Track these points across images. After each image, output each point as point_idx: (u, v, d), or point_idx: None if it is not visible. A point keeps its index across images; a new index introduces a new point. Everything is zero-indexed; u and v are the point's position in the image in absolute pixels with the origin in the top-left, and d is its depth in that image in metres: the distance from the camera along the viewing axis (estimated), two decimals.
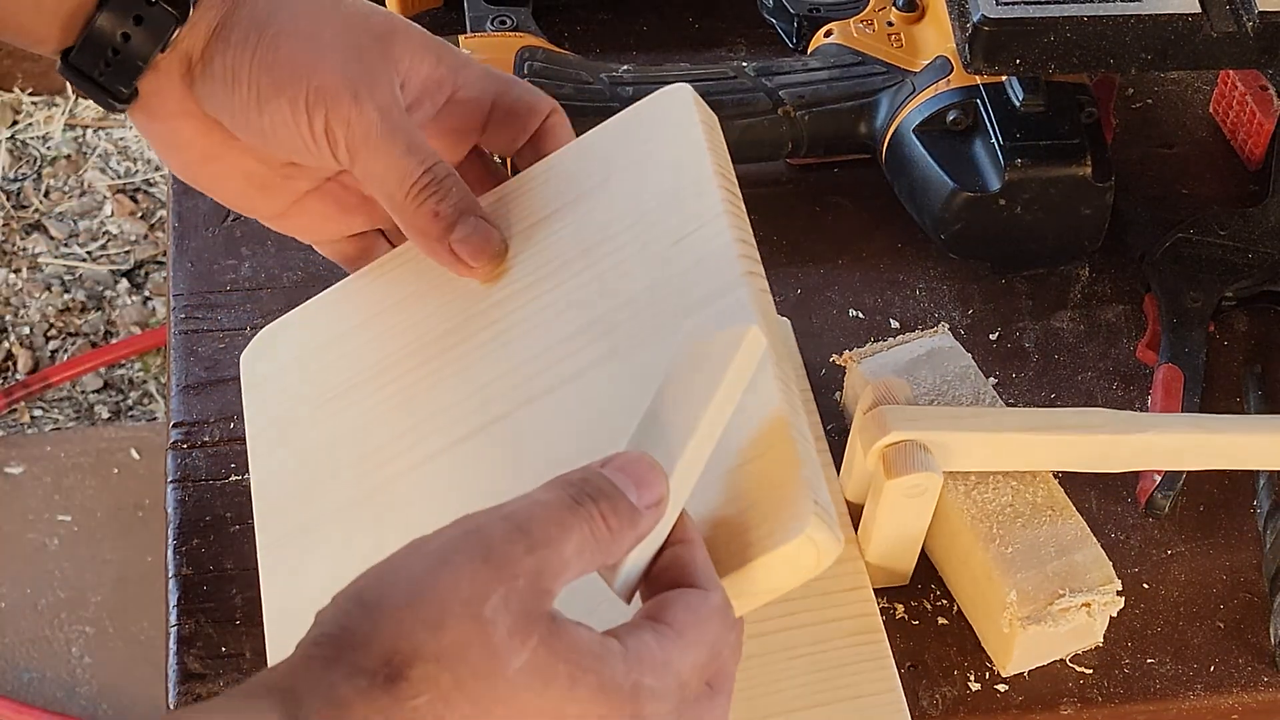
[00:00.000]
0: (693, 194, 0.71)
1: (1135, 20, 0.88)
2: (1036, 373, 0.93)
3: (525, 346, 0.73)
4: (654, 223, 0.72)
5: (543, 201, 0.76)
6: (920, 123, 0.93)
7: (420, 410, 0.74)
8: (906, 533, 0.81)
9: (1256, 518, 0.88)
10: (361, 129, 0.72)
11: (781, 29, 1.02)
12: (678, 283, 0.70)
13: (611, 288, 0.71)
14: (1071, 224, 0.93)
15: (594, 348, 0.71)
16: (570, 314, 0.72)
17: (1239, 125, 1.03)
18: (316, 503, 0.75)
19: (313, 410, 0.78)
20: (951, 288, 0.96)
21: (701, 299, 0.69)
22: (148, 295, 2.02)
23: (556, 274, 0.74)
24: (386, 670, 0.54)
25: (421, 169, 0.73)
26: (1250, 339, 0.95)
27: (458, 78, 0.77)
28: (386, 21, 0.76)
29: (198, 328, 0.93)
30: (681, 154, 0.73)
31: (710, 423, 0.62)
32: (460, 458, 0.72)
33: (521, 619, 0.55)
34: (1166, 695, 0.82)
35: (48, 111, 2.17)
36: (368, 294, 0.79)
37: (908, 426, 0.78)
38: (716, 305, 0.68)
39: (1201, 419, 0.84)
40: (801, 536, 0.62)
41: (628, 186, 0.74)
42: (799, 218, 0.99)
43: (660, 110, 0.75)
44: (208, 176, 0.78)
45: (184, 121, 0.76)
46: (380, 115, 0.72)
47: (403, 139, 0.73)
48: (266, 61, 0.73)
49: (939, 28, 0.96)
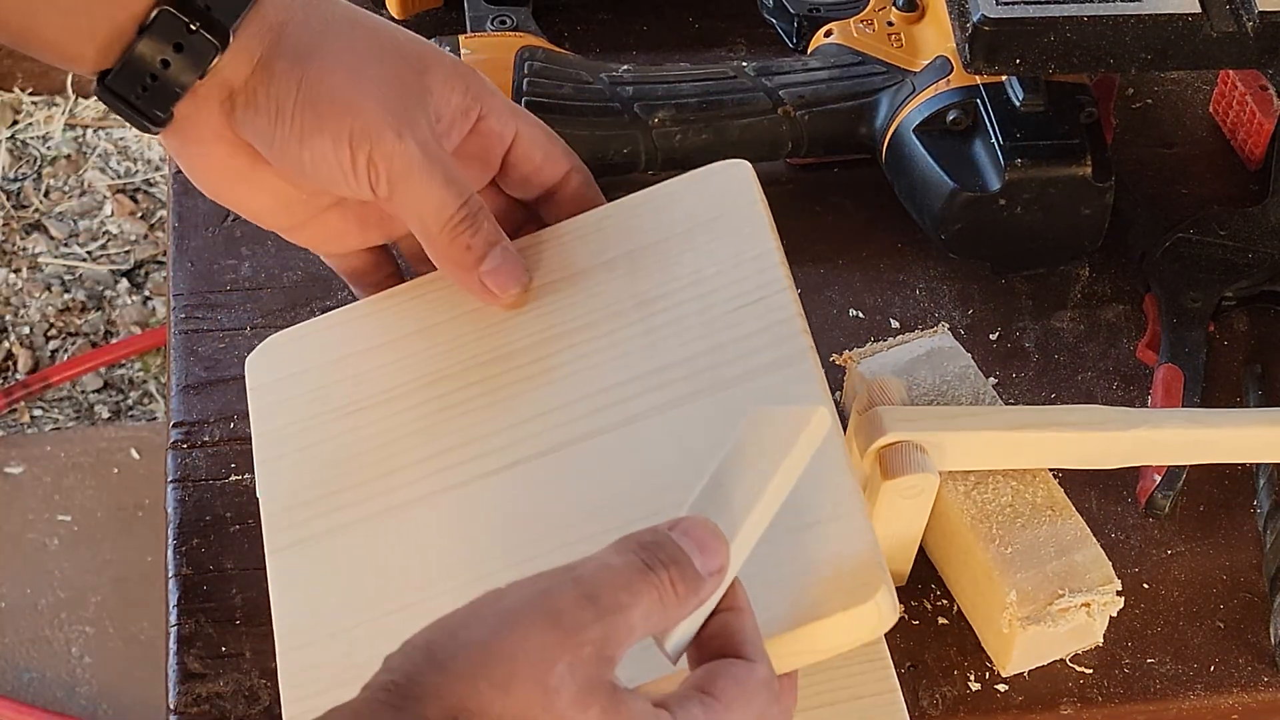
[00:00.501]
0: (755, 266, 0.75)
1: (1135, 20, 0.88)
2: (1037, 372, 0.93)
3: (571, 388, 0.74)
4: (714, 288, 0.75)
5: (596, 249, 0.78)
6: (920, 122, 0.93)
7: (449, 437, 0.75)
8: (904, 533, 0.81)
9: (1256, 518, 0.88)
10: (403, 164, 0.73)
11: (781, 29, 1.02)
12: (739, 348, 0.73)
13: (667, 343, 0.74)
14: (1071, 224, 0.93)
15: (645, 399, 0.73)
16: (621, 363, 0.74)
17: (1239, 125, 1.03)
18: (328, 515, 0.75)
19: (330, 421, 0.78)
20: (952, 288, 0.96)
21: (763, 367, 0.72)
22: (148, 295, 2.02)
23: (607, 321, 0.76)
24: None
25: (459, 203, 0.75)
26: (1250, 339, 0.95)
27: (482, 106, 0.78)
28: (420, 51, 0.77)
29: (198, 327, 0.93)
30: (742, 225, 0.76)
31: (771, 496, 0.63)
32: (490, 489, 0.73)
33: (584, 688, 0.57)
34: (1166, 695, 0.82)
35: (48, 111, 2.17)
36: (395, 315, 0.80)
37: (903, 427, 0.78)
38: (779, 374, 0.71)
39: (1198, 413, 0.84)
40: (870, 603, 0.64)
41: (686, 248, 0.76)
42: (799, 218, 0.99)
43: (720, 181, 0.78)
44: (234, 195, 0.78)
45: (217, 146, 0.76)
46: (421, 150, 0.74)
47: (441, 172, 0.74)
48: (311, 97, 0.73)
49: (939, 27, 0.96)
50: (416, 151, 0.74)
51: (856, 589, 0.65)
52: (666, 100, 0.94)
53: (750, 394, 0.71)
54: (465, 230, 0.75)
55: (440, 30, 1.00)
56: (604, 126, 0.93)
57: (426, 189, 0.74)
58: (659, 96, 0.94)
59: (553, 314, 0.77)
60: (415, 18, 1.04)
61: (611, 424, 0.73)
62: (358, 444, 0.77)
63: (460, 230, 0.75)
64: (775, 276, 0.74)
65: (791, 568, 0.66)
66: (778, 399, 0.71)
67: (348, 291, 0.94)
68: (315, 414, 0.78)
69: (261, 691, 0.80)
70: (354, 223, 0.80)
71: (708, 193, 0.78)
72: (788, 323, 0.73)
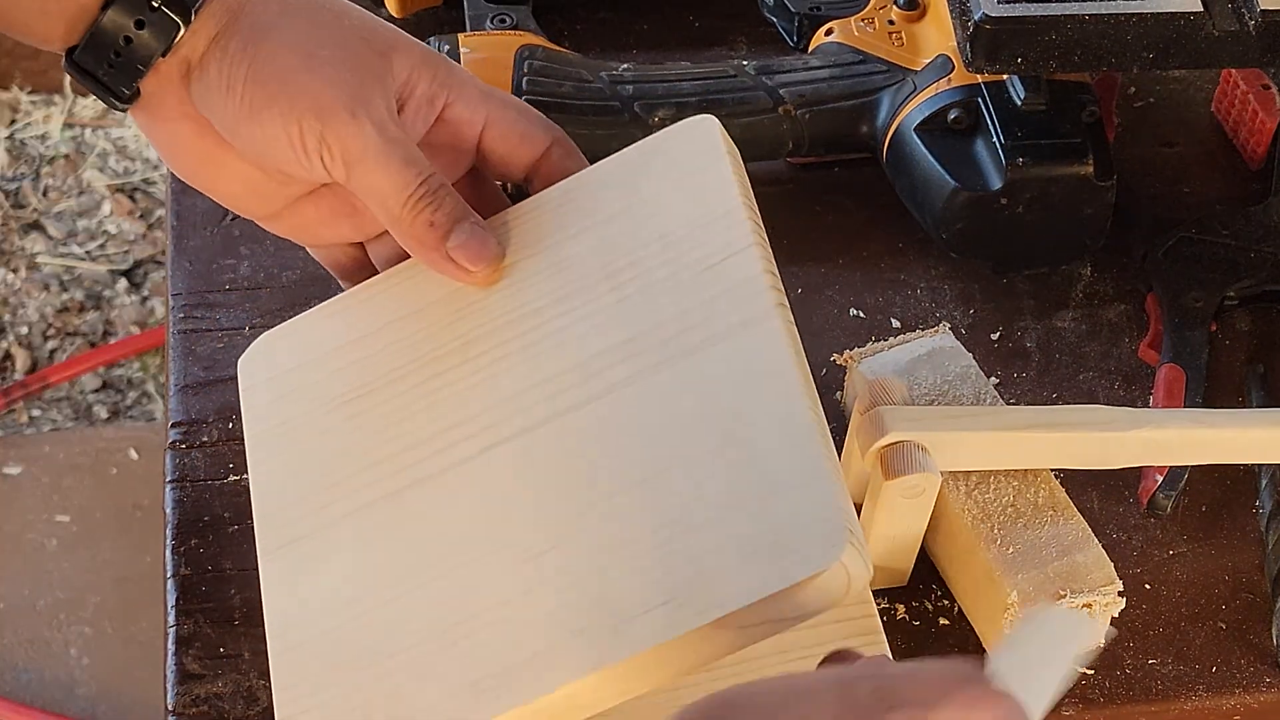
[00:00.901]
0: (722, 224, 0.73)
1: (1137, 19, 0.87)
2: (1038, 372, 0.93)
3: (549, 363, 0.73)
4: (682, 251, 0.73)
5: (564, 222, 0.77)
6: (921, 121, 0.93)
7: (436, 422, 0.75)
8: (905, 533, 0.81)
9: (1258, 518, 0.88)
10: (359, 145, 0.74)
11: (782, 27, 1.02)
12: (707, 310, 0.71)
13: (638, 311, 0.73)
14: (1073, 223, 0.93)
15: (625, 366, 0.72)
16: (597, 334, 0.73)
17: (1241, 124, 1.03)
18: (320, 510, 0.75)
19: (316, 417, 0.78)
20: (953, 287, 0.96)
21: (731, 327, 0.70)
22: (146, 295, 2.02)
23: (579, 294, 0.75)
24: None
25: (417, 181, 0.74)
26: (1253, 338, 0.95)
27: (449, 94, 0.78)
28: (387, 36, 0.77)
29: (196, 327, 0.93)
30: (708, 183, 0.74)
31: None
32: (482, 469, 0.72)
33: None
34: (1168, 696, 0.82)
35: (46, 110, 2.17)
36: (373, 305, 0.80)
37: (905, 427, 0.78)
38: (744, 337, 0.70)
39: (1202, 414, 0.84)
40: (837, 564, 0.63)
41: (652, 212, 0.75)
42: (799, 217, 0.99)
43: (686, 139, 0.76)
44: (205, 178, 0.79)
45: (183, 124, 0.77)
46: (377, 130, 0.74)
47: (398, 152, 0.74)
48: (261, 74, 0.74)
49: (940, 26, 0.96)
50: (372, 131, 0.74)
51: (822, 551, 0.63)
52: (667, 99, 0.94)
53: (715, 358, 0.70)
54: (426, 207, 0.75)
55: (440, 29, 1.00)
56: (604, 125, 0.93)
57: (383, 169, 0.74)
58: (659, 95, 0.94)
59: (528, 290, 0.76)
60: (415, 16, 1.04)
61: (595, 394, 0.71)
62: (343, 439, 0.77)
63: (421, 208, 0.75)
64: (742, 233, 0.72)
65: (757, 534, 0.65)
66: (743, 362, 0.69)
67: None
68: (302, 412, 0.78)
69: (260, 692, 0.80)
70: (328, 213, 0.80)
71: (674, 152, 0.76)
72: (753, 281, 0.71)
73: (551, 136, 0.79)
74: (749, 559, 0.65)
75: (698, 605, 0.64)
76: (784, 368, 0.69)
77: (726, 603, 0.64)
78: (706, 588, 0.65)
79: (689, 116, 0.93)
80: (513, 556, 0.69)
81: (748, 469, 0.67)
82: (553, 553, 0.69)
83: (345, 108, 0.73)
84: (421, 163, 0.75)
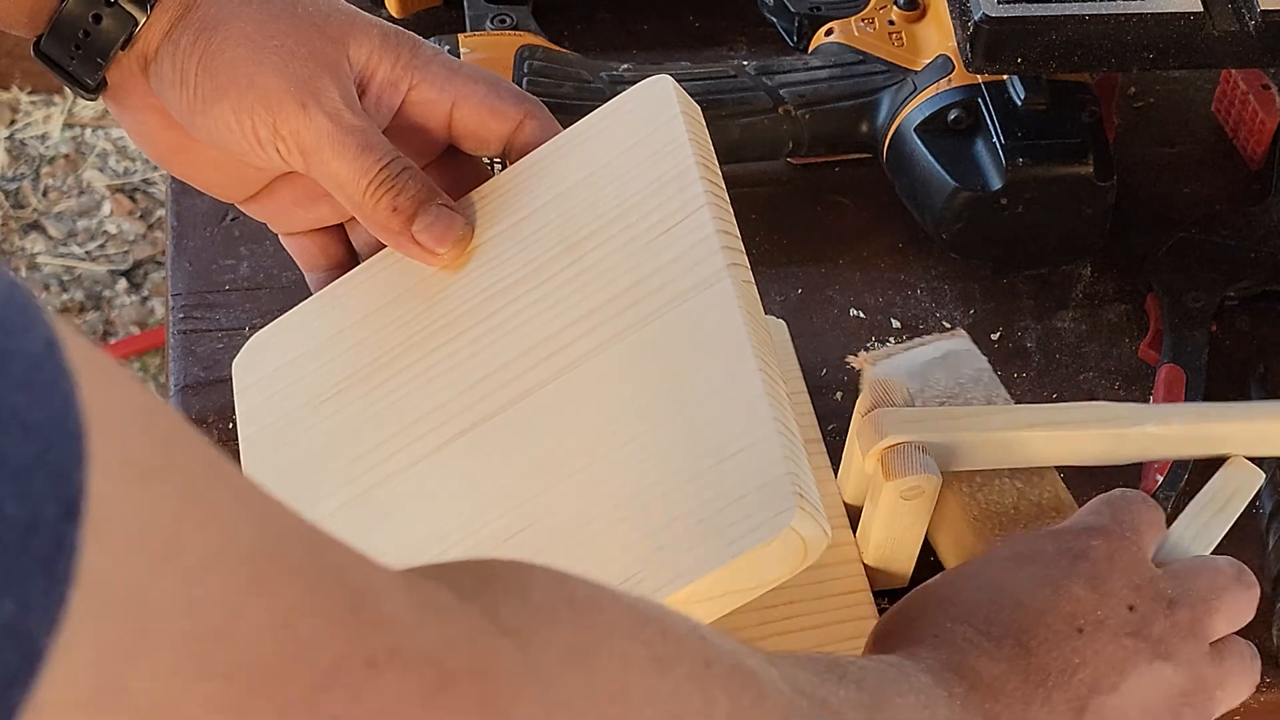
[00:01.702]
0: (675, 186, 0.71)
1: (1137, 19, 0.87)
2: (1038, 372, 0.93)
3: (516, 342, 0.73)
4: (638, 217, 0.72)
5: (526, 199, 0.76)
6: (921, 122, 0.93)
7: (412, 410, 0.74)
8: (905, 534, 0.81)
9: (1258, 519, 0.88)
10: (312, 135, 0.74)
11: (782, 28, 1.02)
12: (662, 276, 0.70)
13: (599, 282, 0.72)
14: (1073, 223, 0.93)
15: (585, 341, 0.71)
16: (559, 309, 0.72)
17: (1241, 124, 1.03)
18: (311, 507, 0.75)
19: (304, 415, 0.78)
20: (953, 287, 0.96)
21: (685, 291, 0.69)
22: (146, 295, 2.02)
23: (542, 270, 0.74)
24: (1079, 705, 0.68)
25: (377, 167, 0.74)
26: (1253, 339, 0.95)
27: (414, 76, 0.77)
28: (344, 22, 0.77)
29: (196, 327, 0.93)
30: (662, 145, 0.73)
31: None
32: (455, 455, 0.72)
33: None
34: None
35: (46, 111, 2.17)
36: (355, 297, 0.80)
37: (906, 429, 0.78)
38: (697, 299, 0.68)
39: (1205, 407, 0.84)
40: (787, 530, 0.62)
41: (610, 180, 0.74)
42: (799, 217, 0.98)
43: (641, 102, 0.75)
44: (179, 165, 0.80)
45: (149, 114, 0.78)
46: (330, 120, 0.74)
47: (355, 140, 0.74)
48: (211, 67, 0.74)
49: (940, 26, 0.96)
50: (324, 121, 0.74)
51: (771, 519, 0.62)
52: None
53: (669, 325, 0.69)
54: (387, 193, 0.74)
55: (440, 29, 1.00)
56: None
57: (339, 157, 0.74)
58: None
59: (496, 269, 0.75)
60: (415, 16, 1.04)
61: (559, 369, 0.71)
62: (327, 435, 0.77)
63: (382, 193, 0.74)
64: (695, 194, 0.71)
65: (710, 505, 0.64)
66: (695, 326, 0.68)
67: None
68: (289, 412, 0.78)
69: None
70: (303, 195, 0.80)
71: (629, 117, 0.75)
72: (706, 242, 0.69)
73: (524, 109, 0.78)
74: (701, 531, 0.64)
75: (655, 581, 0.64)
76: (734, 329, 0.67)
77: (682, 577, 0.63)
78: (664, 563, 0.64)
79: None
80: (489, 540, 0.69)
81: (698, 437, 0.66)
82: (523, 534, 0.68)
83: (295, 99, 0.74)
84: (381, 147, 0.74)
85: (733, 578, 0.63)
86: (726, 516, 0.63)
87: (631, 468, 0.67)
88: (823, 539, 0.63)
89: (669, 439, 0.67)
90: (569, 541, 0.67)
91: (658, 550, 0.64)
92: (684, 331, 0.68)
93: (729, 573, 0.63)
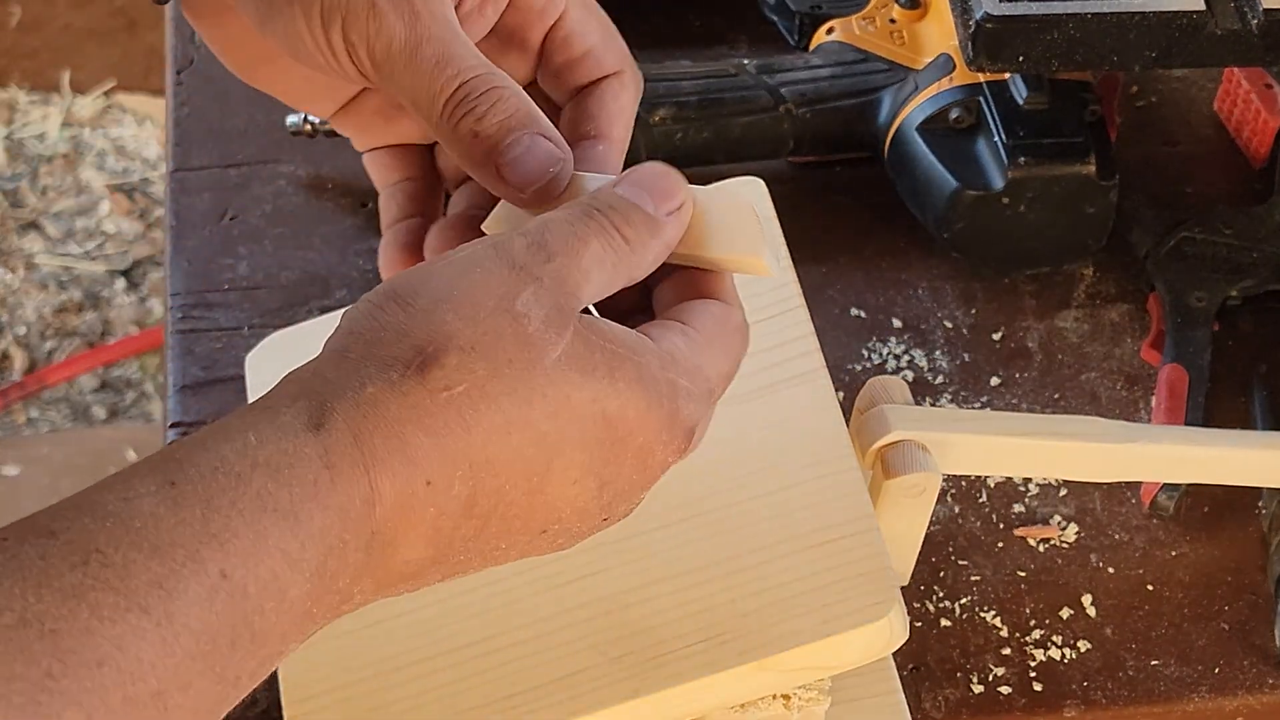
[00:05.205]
0: (769, 283, 0.75)
1: (1139, 18, 0.87)
2: (1040, 372, 0.93)
3: None
4: None
5: None
6: (923, 121, 0.93)
7: None
8: (905, 533, 0.80)
9: (1261, 519, 0.87)
10: (383, 42, 0.63)
11: (783, 26, 1.01)
12: (761, 360, 0.73)
13: None
14: (1075, 223, 0.93)
15: None
16: None
17: (1244, 123, 1.02)
18: None
19: None
20: (954, 286, 0.96)
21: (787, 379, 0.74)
22: (144, 294, 2.02)
23: None
24: (419, 360, 0.54)
25: (455, 83, 0.63)
26: (1255, 338, 0.95)
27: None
28: None
29: (195, 327, 0.93)
30: None
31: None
32: None
33: (554, 312, 0.55)
34: (1171, 697, 0.82)
35: (44, 110, 2.17)
36: None
37: (907, 426, 0.78)
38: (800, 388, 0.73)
39: (1194, 433, 0.83)
40: (884, 620, 0.66)
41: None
42: (800, 216, 0.98)
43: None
44: (265, 77, 0.72)
45: (228, 18, 0.70)
46: (404, 24, 0.63)
47: (431, 50, 0.63)
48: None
49: (941, 25, 0.95)
50: (397, 25, 0.63)
51: (871, 606, 0.66)
52: (667, 98, 0.94)
53: (771, 405, 0.72)
54: (467, 115, 0.63)
55: None
56: None
57: (411, 70, 0.63)
58: (660, 94, 0.94)
59: None
60: None
61: None
62: None
63: (461, 114, 0.63)
64: (793, 292, 0.76)
65: (807, 582, 0.67)
66: (798, 413, 0.72)
67: (346, 291, 0.94)
68: None
69: (258, 694, 0.79)
70: (387, 104, 0.71)
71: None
72: (805, 339, 0.75)
73: (621, 66, 0.69)
74: (796, 605, 0.66)
75: (740, 646, 0.66)
76: (834, 423, 0.72)
77: (770, 646, 0.66)
78: (750, 629, 0.67)
79: (689, 116, 0.93)
80: (546, 579, 0.69)
81: (797, 516, 0.69)
82: (592, 578, 0.69)
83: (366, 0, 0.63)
84: (463, 59, 0.63)
85: (818, 654, 0.66)
86: (824, 596, 0.67)
87: (724, 532, 0.69)
88: (903, 636, 0.67)
89: (766, 511, 0.69)
90: (646, 592, 0.69)
91: (743, 615, 0.67)
92: (783, 415, 0.72)
93: (817, 648, 0.66)
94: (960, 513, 0.87)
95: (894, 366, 0.92)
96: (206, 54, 1.03)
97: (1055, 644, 0.83)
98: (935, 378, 0.92)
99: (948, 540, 0.86)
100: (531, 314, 0.55)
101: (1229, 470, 0.82)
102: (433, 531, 0.55)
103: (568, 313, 0.56)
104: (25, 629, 0.48)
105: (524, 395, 0.55)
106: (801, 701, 0.72)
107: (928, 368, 0.92)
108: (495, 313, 0.55)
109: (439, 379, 0.54)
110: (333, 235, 0.96)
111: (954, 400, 0.91)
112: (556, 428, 0.55)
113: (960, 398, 0.91)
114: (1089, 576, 0.85)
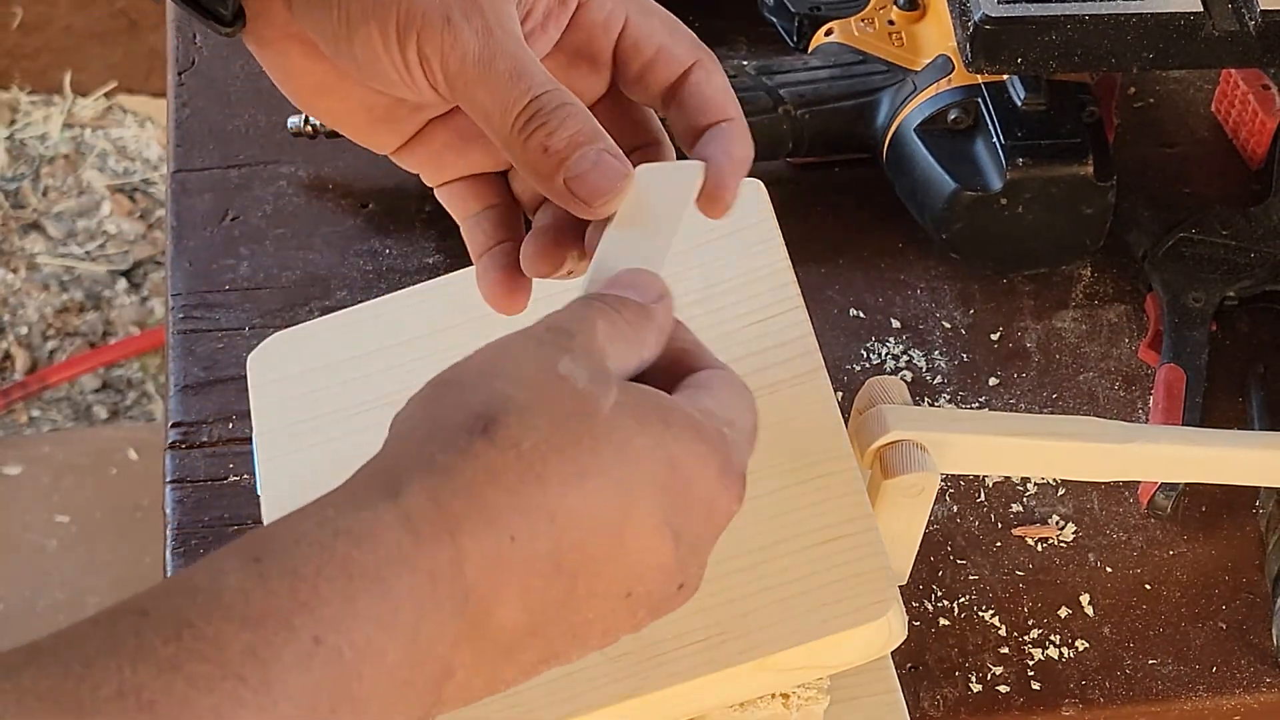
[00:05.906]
0: (768, 283, 0.76)
1: (1137, 19, 0.87)
2: (1038, 373, 0.93)
3: None
4: (729, 302, 0.76)
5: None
6: (921, 122, 0.93)
7: None
8: (904, 533, 0.80)
9: (1259, 518, 0.88)
10: (457, 55, 0.64)
11: (782, 28, 1.02)
12: (758, 361, 0.74)
13: None
14: (1073, 223, 0.93)
15: None
16: None
17: (1241, 124, 1.03)
18: None
19: (333, 423, 0.77)
20: (953, 287, 0.96)
21: (786, 379, 0.74)
22: (146, 295, 2.02)
23: None
24: (481, 424, 0.55)
25: (528, 97, 0.64)
26: (1253, 339, 0.95)
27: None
28: None
29: (196, 327, 0.93)
30: (755, 242, 0.77)
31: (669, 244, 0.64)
32: None
33: (596, 373, 0.57)
34: (1168, 696, 0.82)
35: (45, 110, 2.17)
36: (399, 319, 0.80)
37: (905, 426, 0.78)
38: (798, 389, 0.73)
39: (1192, 433, 0.84)
40: (882, 620, 0.66)
41: (696, 262, 0.77)
42: (799, 217, 0.98)
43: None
44: (325, 107, 0.72)
45: (291, 45, 0.70)
46: (478, 39, 0.64)
47: (505, 64, 0.64)
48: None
49: (940, 26, 0.96)
50: (470, 39, 0.64)
51: (869, 605, 0.66)
52: None
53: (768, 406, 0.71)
54: (539, 129, 0.64)
55: None
56: None
57: (485, 84, 0.64)
58: None
59: None
60: None
61: None
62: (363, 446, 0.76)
63: (533, 129, 0.64)
64: (791, 294, 0.76)
65: (806, 582, 0.67)
66: (797, 415, 0.72)
67: (347, 292, 0.94)
68: (320, 414, 0.78)
69: None
70: (456, 136, 0.72)
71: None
72: (803, 340, 0.75)
73: (696, 56, 0.70)
74: (794, 604, 0.67)
75: (739, 645, 0.66)
76: (834, 424, 0.72)
77: (769, 645, 0.66)
78: (749, 628, 0.67)
79: None
80: None
81: (795, 516, 0.69)
82: None
83: (440, 13, 0.64)
84: (535, 75, 0.64)
85: (816, 653, 0.66)
86: (823, 595, 0.67)
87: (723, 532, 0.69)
88: (902, 635, 0.67)
89: (765, 510, 0.69)
90: None
91: (742, 615, 0.67)
92: (783, 415, 0.72)
93: (817, 647, 0.66)
94: (959, 512, 0.88)
95: (893, 367, 0.93)
96: (208, 55, 1.03)
97: (1053, 643, 0.83)
98: (934, 378, 0.92)
99: (946, 540, 0.86)
100: (576, 374, 0.56)
101: (1226, 470, 0.82)
102: (524, 590, 0.55)
103: (607, 372, 0.57)
104: (123, 700, 0.48)
105: (589, 444, 0.55)
106: (800, 700, 0.72)
107: (926, 368, 0.93)
108: (542, 376, 0.56)
109: (506, 438, 0.55)
110: (334, 236, 0.97)
111: (952, 400, 0.91)
112: (628, 473, 0.56)
113: (958, 398, 0.91)
114: (1087, 576, 0.85)
